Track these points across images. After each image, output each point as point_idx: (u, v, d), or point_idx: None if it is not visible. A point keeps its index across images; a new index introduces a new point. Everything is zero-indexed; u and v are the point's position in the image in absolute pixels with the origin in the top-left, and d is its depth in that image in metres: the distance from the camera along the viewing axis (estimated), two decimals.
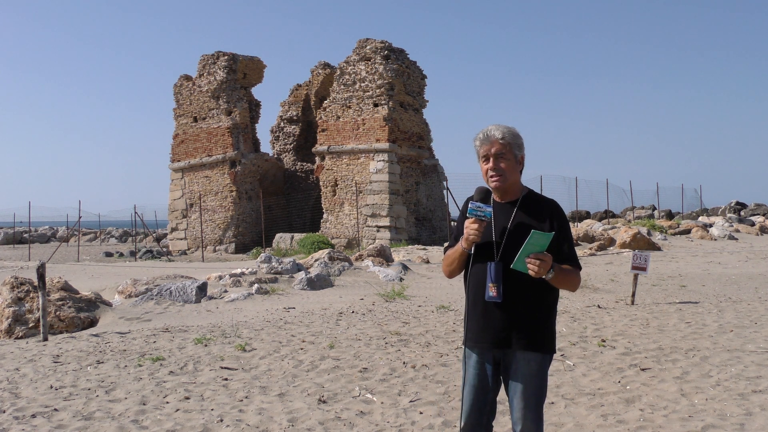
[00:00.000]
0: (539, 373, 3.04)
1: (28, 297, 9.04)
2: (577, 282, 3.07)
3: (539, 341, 3.03)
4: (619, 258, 17.85)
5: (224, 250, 27.88)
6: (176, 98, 30.01)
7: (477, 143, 3.11)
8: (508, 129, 3.07)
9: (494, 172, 3.04)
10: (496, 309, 3.00)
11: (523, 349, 3.01)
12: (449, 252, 3.17)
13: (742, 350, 6.64)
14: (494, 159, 3.04)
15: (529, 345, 3.01)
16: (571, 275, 3.02)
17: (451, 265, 3.17)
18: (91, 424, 4.69)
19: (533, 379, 3.02)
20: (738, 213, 34.69)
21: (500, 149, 3.03)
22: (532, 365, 3.02)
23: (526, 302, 3.00)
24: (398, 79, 25.82)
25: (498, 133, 3.04)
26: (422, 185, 27.36)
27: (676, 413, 4.79)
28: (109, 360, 6.61)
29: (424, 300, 10.61)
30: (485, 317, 3.04)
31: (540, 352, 3.03)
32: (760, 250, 19.64)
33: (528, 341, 3.01)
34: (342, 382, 5.74)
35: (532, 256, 2.84)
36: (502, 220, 3.05)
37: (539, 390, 3.05)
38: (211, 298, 11.03)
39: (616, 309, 9.32)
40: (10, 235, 44.14)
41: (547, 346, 3.06)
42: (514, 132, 3.07)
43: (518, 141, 3.08)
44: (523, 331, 3.00)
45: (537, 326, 3.02)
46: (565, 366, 6.13)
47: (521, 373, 3.02)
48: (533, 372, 3.02)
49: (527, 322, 3.01)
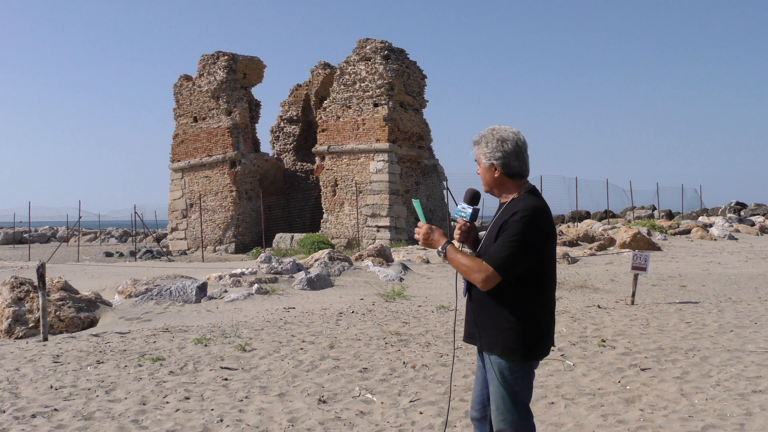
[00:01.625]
0: (500, 377, 2.86)
1: (28, 297, 9.04)
2: (468, 271, 2.81)
3: (494, 342, 2.86)
4: (619, 258, 17.85)
5: (224, 250, 27.88)
6: (176, 98, 30.03)
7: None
8: (483, 135, 2.97)
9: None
10: (470, 306, 3.02)
11: (483, 348, 2.92)
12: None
13: (742, 350, 6.64)
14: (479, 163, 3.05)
15: (484, 344, 2.91)
16: (466, 262, 2.81)
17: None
18: (91, 424, 4.69)
19: (494, 382, 2.89)
20: (738, 213, 34.69)
21: (476, 156, 3.04)
22: (495, 368, 2.87)
23: (482, 298, 2.89)
24: (398, 79, 25.83)
25: (474, 139, 3.03)
26: (422, 185, 27.37)
27: (676, 413, 4.79)
28: (109, 360, 6.61)
29: (424, 300, 10.61)
30: (466, 314, 3.07)
31: (495, 354, 2.86)
32: (760, 250, 19.63)
33: (483, 340, 2.91)
34: (342, 382, 5.74)
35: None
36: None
37: (502, 395, 2.86)
38: (211, 298, 11.03)
39: (616, 309, 9.32)
40: (10, 235, 44.17)
41: (505, 349, 2.83)
42: (487, 137, 2.94)
43: (487, 149, 2.94)
44: (483, 331, 2.90)
45: (493, 325, 2.86)
46: (565, 366, 6.13)
47: (489, 375, 2.93)
48: (493, 374, 2.88)
49: (482, 319, 2.90)
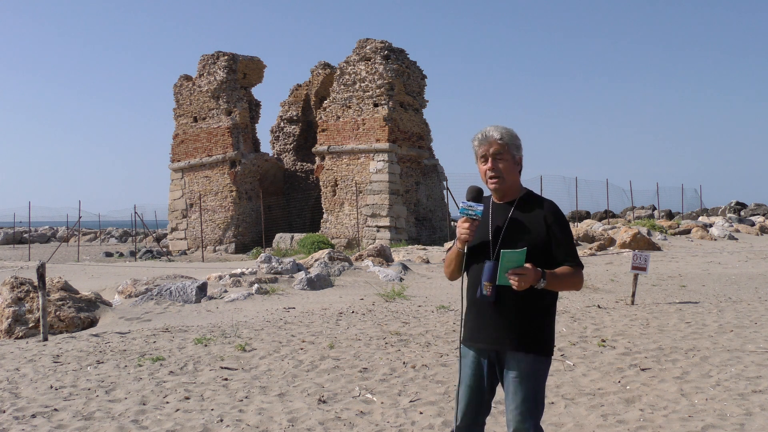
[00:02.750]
0: (532, 375, 3.00)
1: (28, 297, 9.04)
2: (577, 282, 3.05)
3: (531, 342, 3.00)
4: (619, 258, 17.85)
5: (224, 250, 27.88)
6: (176, 98, 30.02)
7: (475, 144, 3.12)
8: (506, 130, 3.08)
9: (493, 173, 3.05)
10: (490, 308, 3.01)
11: (515, 350, 3.00)
12: (448, 254, 3.18)
13: (742, 350, 6.64)
14: (492, 160, 3.05)
15: (521, 345, 3.00)
16: (569, 277, 3.01)
17: (449, 267, 3.18)
18: (91, 424, 4.69)
19: (525, 381, 2.99)
20: (738, 213, 34.69)
21: (498, 149, 3.04)
22: (523, 366, 2.99)
23: (519, 302, 2.98)
24: (398, 79, 25.82)
25: (496, 134, 3.05)
26: (422, 185, 27.37)
27: (676, 413, 4.79)
28: (109, 360, 6.61)
29: (424, 300, 10.61)
30: (480, 316, 3.05)
31: (532, 353, 3.00)
32: (760, 250, 19.63)
33: (519, 341, 3.00)
34: (342, 382, 5.74)
35: (511, 271, 2.88)
36: (499, 220, 3.07)
37: (533, 392, 2.99)
38: (211, 298, 11.03)
39: (616, 309, 9.33)
40: (10, 235, 44.16)
41: (540, 347, 3.02)
42: (512, 133, 3.07)
43: (516, 142, 3.08)
44: (515, 332, 2.99)
45: (530, 327, 3.00)
46: (565, 366, 6.13)
47: (513, 374, 3.00)
48: (525, 373, 2.99)
49: (519, 322, 2.99)
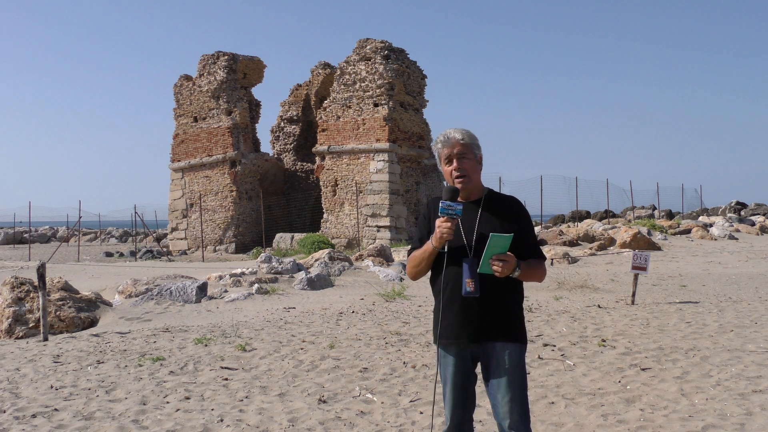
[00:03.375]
0: (520, 363, 3.14)
1: (29, 297, 9.04)
2: (542, 273, 3.20)
3: (516, 332, 3.15)
4: (619, 258, 17.85)
5: (224, 250, 27.88)
6: (176, 98, 30.01)
7: (438, 146, 3.23)
8: (466, 131, 3.23)
9: (459, 173, 3.15)
10: (474, 303, 3.08)
11: (504, 340, 3.11)
12: (416, 253, 3.20)
13: (742, 350, 6.64)
14: (457, 160, 3.16)
15: (509, 336, 3.13)
16: (537, 268, 3.16)
17: (418, 266, 3.21)
18: (92, 424, 4.69)
19: (515, 370, 3.10)
20: (738, 213, 34.68)
21: (462, 150, 3.17)
22: (513, 356, 3.11)
23: (500, 295, 3.11)
24: (398, 79, 25.82)
25: (458, 135, 3.19)
26: (422, 185, 27.36)
27: (676, 413, 4.80)
28: (110, 360, 6.61)
29: (424, 300, 10.61)
30: (463, 312, 3.10)
31: (518, 342, 3.15)
32: (760, 250, 19.63)
33: (508, 332, 3.13)
34: (342, 382, 5.74)
35: (494, 257, 2.99)
36: (468, 219, 3.14)
37: (522, 381, 3.12)
38: (211, 298, 11.03)
39: (617, 309, 9.33)
40: (10, 235, 44.14)
41: (523, 336, 3.20)
42: (471, 134, 3.23)
43: (476, 142, 3.23)
44: (501, 323, 3.12)
45: (512, 317, 3.15)
46: (565, 366, 6.13)
47: (504, 365, 3.10)
48: (515, 363, 3.11)
49: (504, 313, 3.13)
